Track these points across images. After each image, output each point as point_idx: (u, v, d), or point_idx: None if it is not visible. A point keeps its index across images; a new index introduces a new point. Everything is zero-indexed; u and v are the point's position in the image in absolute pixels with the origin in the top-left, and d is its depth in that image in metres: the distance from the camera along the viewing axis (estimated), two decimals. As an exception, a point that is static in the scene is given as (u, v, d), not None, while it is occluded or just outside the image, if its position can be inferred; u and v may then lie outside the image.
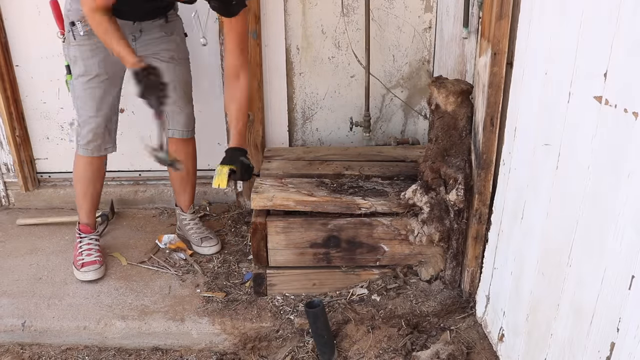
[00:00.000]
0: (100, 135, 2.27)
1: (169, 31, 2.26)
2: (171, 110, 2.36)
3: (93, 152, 2.30)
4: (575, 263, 1.33)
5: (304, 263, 2.15)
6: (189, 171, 2.52)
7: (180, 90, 2.34)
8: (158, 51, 2.26)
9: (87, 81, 2.19)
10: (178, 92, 2.33)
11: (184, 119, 2.40)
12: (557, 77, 1.40)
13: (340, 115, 2.82)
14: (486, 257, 1.94)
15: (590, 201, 1.25)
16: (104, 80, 2.20)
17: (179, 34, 2.34)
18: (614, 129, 1.15)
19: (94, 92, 2.20)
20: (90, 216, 2.44)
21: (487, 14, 1.74)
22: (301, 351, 1.99)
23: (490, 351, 1.86)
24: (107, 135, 2.30)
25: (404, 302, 2.07)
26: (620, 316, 1.14)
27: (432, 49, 2.71)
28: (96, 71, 2.17)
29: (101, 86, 2.20)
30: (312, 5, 2.62)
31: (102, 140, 2.29)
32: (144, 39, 2.23)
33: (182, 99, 2.36)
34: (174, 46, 2.30)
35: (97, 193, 2.42)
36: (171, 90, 2.29)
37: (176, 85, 2.32)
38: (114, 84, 2.25)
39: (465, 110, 1.96)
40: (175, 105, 2.35)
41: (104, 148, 2.32)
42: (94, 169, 2.36)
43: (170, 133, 2.42)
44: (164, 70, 2.26)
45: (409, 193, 2.02)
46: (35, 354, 2.08)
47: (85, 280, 2.30)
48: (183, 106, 2.37)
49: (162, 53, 2.27)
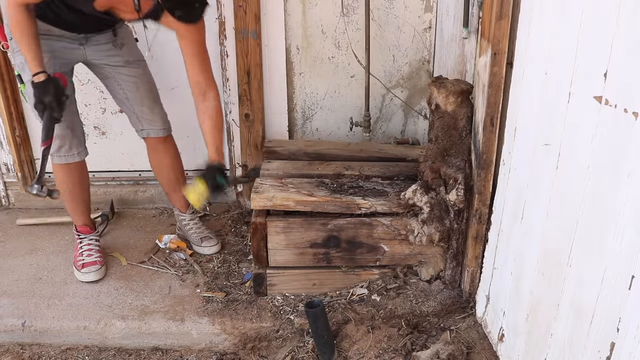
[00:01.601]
0: (68, 139, 2.19)
1: (118, 44, 2.19)
2: (140, 111, 2.31)
3: (67, 158, 2.23)
4: (575, 263, 1.33)
5: (304, 263, 2.15)
6: (176, 174, 2.48)
7: (143, 90, 2.28)
8: (108, 57, 2.19)
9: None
10: (141, 92, 2.28)
11: (156, 117, 2.34)
12: (557, 77, 1.40)
13: (340, 115, 2.82)
14: (486, 257, 1.94)
15: (590, 201, 1.25)
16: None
17: (128, 41, 2.26)
18: (614, 129, 1.15)
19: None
20: (87, 218, 2.42)
21: (487, 14, 1.74)
22: (301, 351, 1.99)
23: (490, 351, 1.86)
24: (74, 138, 2.21)
25: (404, 302, 2.07)
26: (620, 316, 1.14)
27: (432, 49, 2.71)
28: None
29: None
30: (312, 5, 2.62)
31: (70, 144, 2.20)
32: (92, 47, 2.16)
33: (147, 98, 2.30)
34: (125, 51, 2.22)
35: (86, 196, 2.39)
36: (134, 90, 2.26)
37: (138, 85, 2.26)
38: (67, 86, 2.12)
39: (465, 110, 1.96)
40: (142, 105, 2.30)
41: (76, 153, 2.24)
42: (77, 176, 2.31)
43: (146, 133, 2.36)
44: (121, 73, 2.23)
45: (409, 193, 2.02)
46: (35, 354, 2.08)
47: (86, 281, 2.30)
48: (151, 105, 2.31)
49: (113, 59, 2.20)
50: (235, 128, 2.78)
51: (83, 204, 2.39)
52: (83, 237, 2.39)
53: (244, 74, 2.62)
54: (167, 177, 2.47)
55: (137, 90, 2.27)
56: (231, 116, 2.77)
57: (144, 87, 2.28)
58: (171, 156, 2.44)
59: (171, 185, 2.49)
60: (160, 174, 2.48)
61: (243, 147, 2.76)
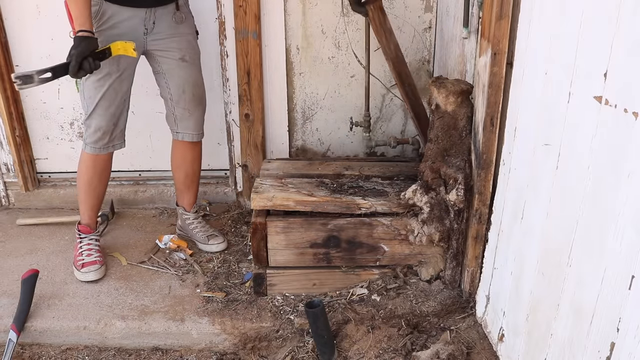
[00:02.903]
0: (109, 133, 2.25)
1: (179, 20, 2.23)
2: (180, 114, 2.35)
3: (101, 149, 2.27)
4: (575, 263, 1.33)
5: (304, 263, 2.15)
6: (195, 172, 2.52)
7: (189, 93, 2.33)
8: (169, 49, 2.25)
9: (97, 80, 2.15)
10: (187, 95, 2.32)
11: (192, 122, 2.39)
12: (557, 77, 1.40)
13: (340, 115, 2.82)
14: (486, 257, 1.94)
15: (590, 201, 1.25)
16: (115, 78, 2.18)
17: (191, 31, 2.32)
18: (614, 129, 1.15)
19: (103, 91, 2.17)
20: (92, 216, 2.43)
21: (487, 14, 1.74)
22: (301, 351, 1.99)
23: (490, 351, 1.86)
24: (117, 132, 2.28)
25: (404, 302, 2.07)
26: (620, 316, 1.14)
27: (432, 49, 2.71)
28: (107, 69, 2.14)
29: (111, 84, 2.18)
30: (312, 5, 2.62)
31: (110, 137, 2.27)
32: (156, 33, 2.21)
33: (191, 101, 2.34)
34: (184, 44, 2.27)
35: (100, 193, 2.41)
36: (180, 92, 2.31)
37: (185, 88, 2.31)
38: (125, 81, 2.23)
39: (465, 110, 1.96)
40: (184, 109, 2.34)
41: (112, 145, 2.30)
42: (100, 169, 2.34)
43: (180, 136, 2.41)
44: (172, 72, 2.28)
45: (409, 193, 2.02)
46: (35, 354, 2.08)
47: (85, 280, 2.30)
48: (192, 109, 2.36)
49: (172, 52, 2.25)
50: (235, 128, 2.78)
51: (96, 198, 2.40)
52: (83, 237, 2.40)
53: (244, 74, 2.62)
54: (185, 174, 2.50)
55: (183, 92, 2.30)
56: (231, 116, 2.78)
57: (190, 90, 2.32)
58: (195, 155, 2.49)
59: (187, 182, 2.53)
60: (178, 169, 2.50)
61: (243, 147, 2.76)
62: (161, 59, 2.27)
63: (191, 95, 2.33)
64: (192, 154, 2.47)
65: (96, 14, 2.09)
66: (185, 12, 2.29)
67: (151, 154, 2.96)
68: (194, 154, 2.48)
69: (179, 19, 2.24)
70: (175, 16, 2.22)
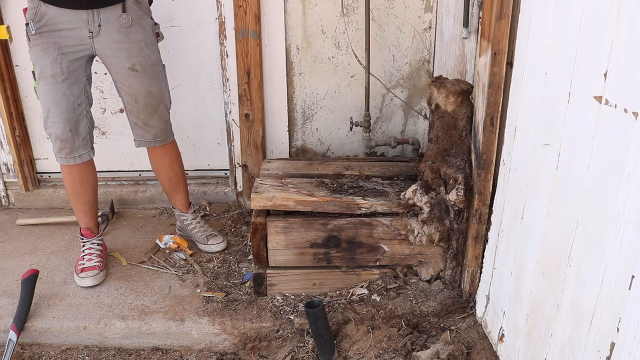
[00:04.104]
0: (68, 141, 2.14)
1: (126, 23, 2.06)
2: (133, 123, 2.26)
3: (68, 160, 2.18)
4: (575, 263, 1.33)
5: (304, 263, 2.15)
6: (177, 173, 2.45)
7: (142, 103, 2.19)
8: (116, 56, 2.11)
9: (44, 84, 2.06)
10: (139, 105, 2.19)
11: (147, 132, 2.27)
12: (557, 77, 1.40)
13: (340, 115, 2.82)
14: (486, 257, 1.94)
15: (590, 201, 1.25)
16: (60, 81, 2.06)
17: (145, 37, 2.14)
18: (614, 129, 1.15)
19: (52, 95, 2.07)
20: (88, 221, 2.39)
21: (487, 14, 1.74)
22: (301, 351, 1.99)
23: (490, 351, 1.86)
24: (76, 140, 2.16)
25: (404, 302, 2.07)
26: (620, 316, 1.14)
27: (432, 49, 2.71)
28: (50, 70, 2.04)
29: (59, 88, 2.06)
30: (312, 5, 2.62)
31: (72, 146, 2.16)
32: (103, 38, 2.07)
33: (143, 111, 2.21)
34: (135, 52, 2.11)
35: (89, 198, 2.35)
36: (132, 102, 2.19)
37: (137, 98, 2.18)
38: (74, 83, 2.10)
39: (465, 110, 1.96)
40: (137, 118, 2.24)
41: (77, 155, 2.18)
42: (78, 177, 2.27)
43: (137, 144, 2.31)
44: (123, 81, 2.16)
45: (409, 193, 2.02)
46: (35, 354, 2.08)
47: (82, 285, 2.28)
48: (146, 119, 2.23)
49: (120, 60, 2.11)
50: (235, 128, 2.78)
51: (86, 204, 2.35)
52: (86, 241, 2.39)
53: (244, 74, 2.62)
54: (168, 177, 2.45)
55: (135, 102, 2.20)
56: (231, 116, 2.78)
57: (143, 100, 2.19)
58: (171, 156, 2.40)
59: (172, 185, 2.47)
60: (160, 174, 2.46)
61: (243, 147, 2.76)
62: (110, 67, 2.16)
63: (144, 105, 2.19)
64: (168, 157, 2.38)
65: (34, 16, 2.01)
66: (137, 15, 2.10)
67: (151, 154, 2.95)
68: (170, 157, 2.39)
69: (126, 22, 2.07)
70: (121, 19, 2.06)
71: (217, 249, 2.51)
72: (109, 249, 2.54)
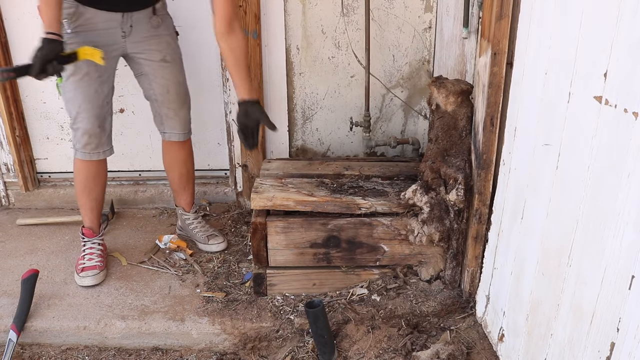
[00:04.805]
0: (96, 136, 2.22)
1: (156, 24, 2.21)
2: (165, 114, 2.34)
3: (92, 155, 2.25)
4: (575, 263, 1.33)
5: (304, 263, 2.15)
6: (189, 171, 2.52)
7: (173, 93, 2.31)
8: (148, 50, 2.23)
9: (77, 80, 2.12)
10: (171, 95, 2.31)
11: (178, 122, 2.38)
12: (557, 77, 1.40)
13: (340, 115, 2.82)
14: (486, 257, 1.94)
15: (590, 201, 1.25)
16: (94, 78, 2.14)
17: (170, 32, 2.29)
18: (614, 129, 1.15)
19: (85, 92, 2.14)
20: (93, 219, 2.41)
21: (487, 14, 1.74)
22: (301, 351, 1.99)
23: (490, 351, 1.86)
24: (103, 136, 2.25)
25: (404, 302, 2.07)
26: (620, 316, 1.14)
27: (432, 49, 2.71)
28: (85, 69, 2.11)
29: (92, 85, 2.14)
30: (312, 5, 2.62)
31: (99, 142, 2.24)
32: (134, 36, 2.19)
33: (175, 101, 2.33)
34: (164, 46, 2.25)
35: (99, 197, 2.39)
36: (164, 92, 2.30)
37: (169, 88, 2.29)
38: (105, 81, 2.19)
39: (465, 110, 1.96)
40: (168, 109, 2.33)
41: (102, 151, 2.27)
42: (93, 173, 2.31)
43: (167, 137, 2.40)
44: (155, 73, 2.27)
45: (409, 193, 2.02)
46: (35, 354, 2.08)
47: (82, 285, 2.29)
48: (177, 109, 2.35)
49: (152, 53, 2.23)
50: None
51: (94, 201, 2.38)
52: (87, 241, 2.39)
53: (244, 74, 2.62)
54: (179, 174, 2.50)
55: (167, 92, 2.29)
56: (231, 116, 2.77)
57: (174, 89, 2.31)
58: (186, 153, 2.48)
59: (181, 182, 2.52)
60: (172, 170, 2.50)
61: (243, 147, 2.76)
62: (143, 61, 2.25)
63: (175, 94, 2.32)
64: (183, 153, 2.47)
65: (72, 16, 2.07)
66: (163, 15, 2.26)
67: (151, 154, 2.96)
68: (184, 153, 2.47)
69: (156, 24, 2.22)
70: (152, 20, 2.20)
71: (218, 249, 2.51)
72: (109, 249, 2.54)
